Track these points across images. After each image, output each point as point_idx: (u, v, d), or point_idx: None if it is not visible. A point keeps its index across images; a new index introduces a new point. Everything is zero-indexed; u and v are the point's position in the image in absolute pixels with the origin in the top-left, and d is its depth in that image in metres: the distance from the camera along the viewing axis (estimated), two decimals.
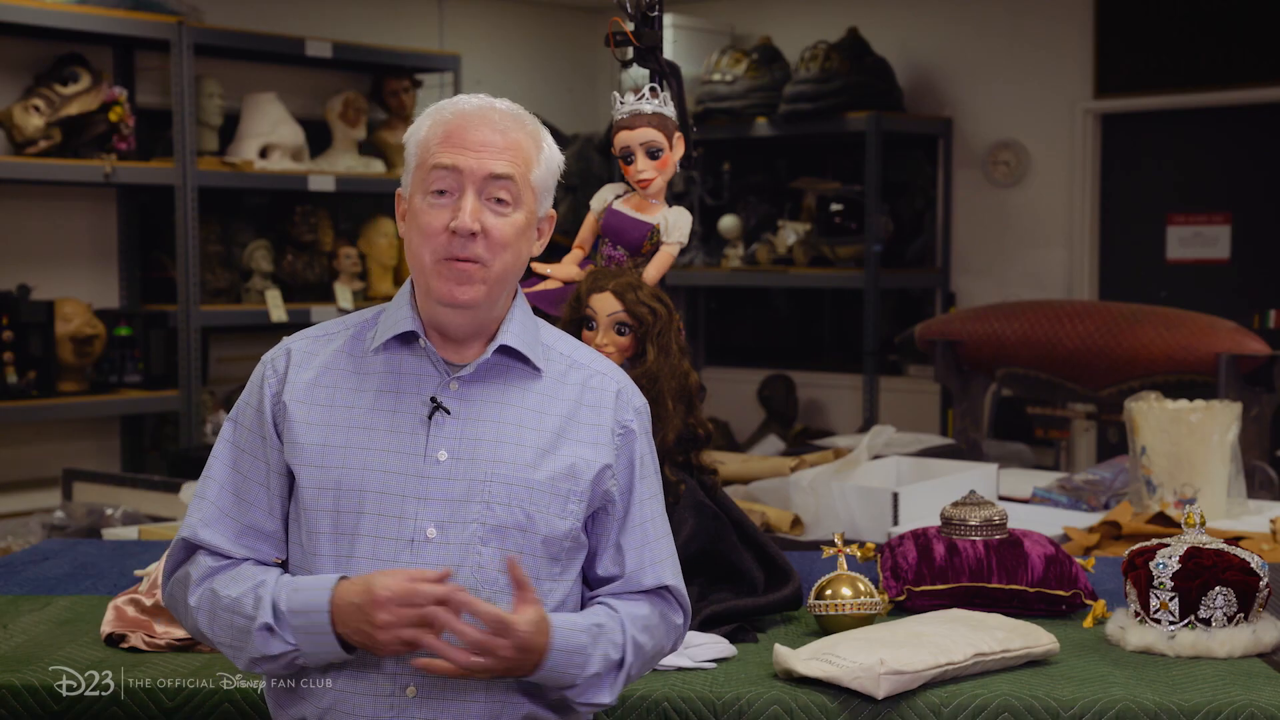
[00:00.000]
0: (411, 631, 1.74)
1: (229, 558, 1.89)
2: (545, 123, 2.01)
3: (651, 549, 1.96)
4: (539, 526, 1.86)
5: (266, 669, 1.85)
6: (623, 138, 2.71)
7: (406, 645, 1.75)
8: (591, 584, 1.97)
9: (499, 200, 1.86)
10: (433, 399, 1.88)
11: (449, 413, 1.87)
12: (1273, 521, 3.44)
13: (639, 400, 2.00)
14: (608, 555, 1.95)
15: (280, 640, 1.80)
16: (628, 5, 2.87)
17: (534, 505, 1.86)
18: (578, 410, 1.93)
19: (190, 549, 1.92)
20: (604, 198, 2.81)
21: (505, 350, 1.91)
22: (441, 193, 1.86)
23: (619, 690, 1.89)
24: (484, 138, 1.86)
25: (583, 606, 1.95)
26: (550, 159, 1.93)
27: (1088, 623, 2.57)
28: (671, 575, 1.97)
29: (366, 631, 1.76)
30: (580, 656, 1.82)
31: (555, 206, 1.99)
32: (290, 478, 1.90)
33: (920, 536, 2.72)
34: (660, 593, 1.96)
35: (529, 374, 1.93)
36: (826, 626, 2.49)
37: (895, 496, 3.49)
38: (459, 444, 1.87)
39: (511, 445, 1.88)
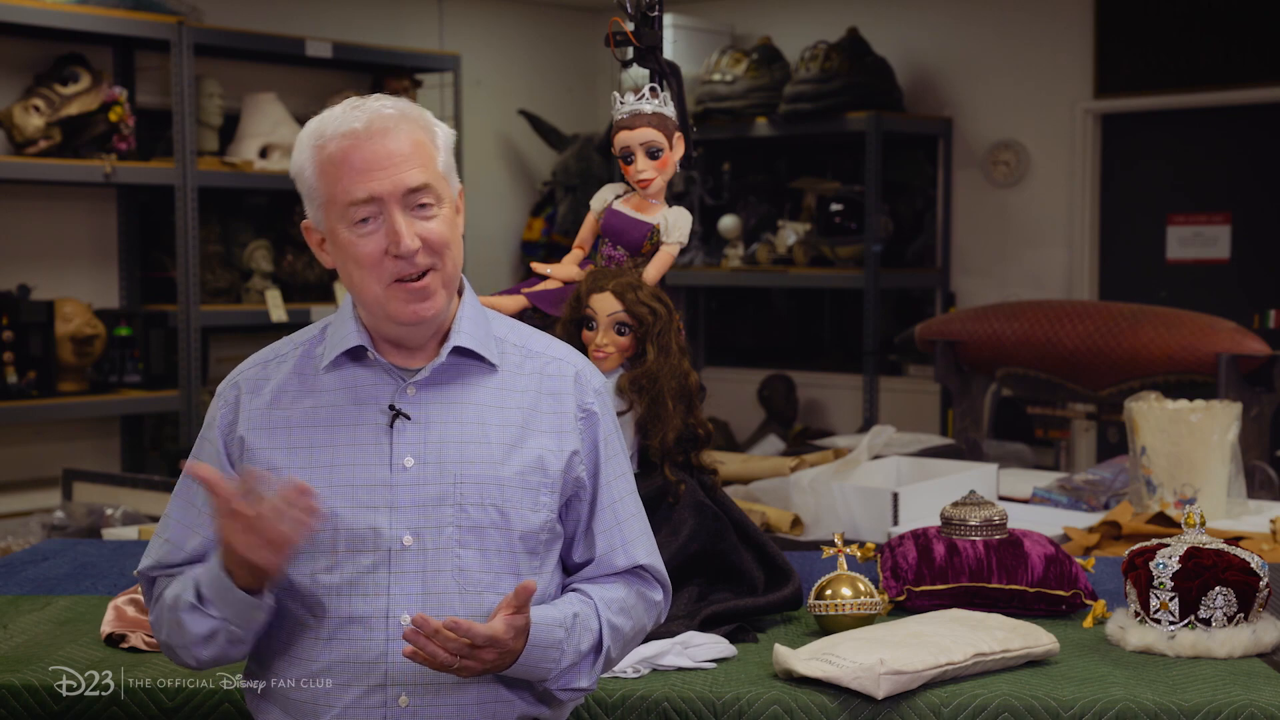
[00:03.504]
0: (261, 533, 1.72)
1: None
2: (546, 123, 2.01)
3: (623, 529, 1.96)
4: (514, 523, 1.86)
5: (211, 655, 1.84)
6: (623, 138, 2.71)
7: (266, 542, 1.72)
8: (569, 570, 1.98)
9: (423, 206, 1.84)
10: (391, 406, 1.87)
11: (409, 419, 1.87)
12: (1273, 521, 3.44)
13: (598, 380, 2.00)
14: (582, 540, 1.96)
15: (205, 616, 1.80)
16: (628, 5, 2.87)
17: (506, 502, 1.86)
18: (538, 400, 1.92)
19: (150, 580, 1.93)
20: (604, 198, 2.81)
21: (458, 350, 1.90)
22: (365, 221, 1.83)
23: (598, 674, 1.91)
24: (386, 150, 1.82)
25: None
26: (445, 140, 1.90)
27: (1088, 623, 2.57)
28: (645, 553, 1.98)
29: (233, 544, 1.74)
30: (556, 650, 1.83)
31: (556, 206, 2.00)
32: None
33: (920, 536, 2.72)
34: (635, 572, 1.97)
35: (485, 370, 1.92)
36: (826, 626, 2.49)
37: (895, 496, 3.49)
38: (424, 448, 1.86)
39: (477, 444, 1.87)
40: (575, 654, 1.86)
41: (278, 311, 5.97)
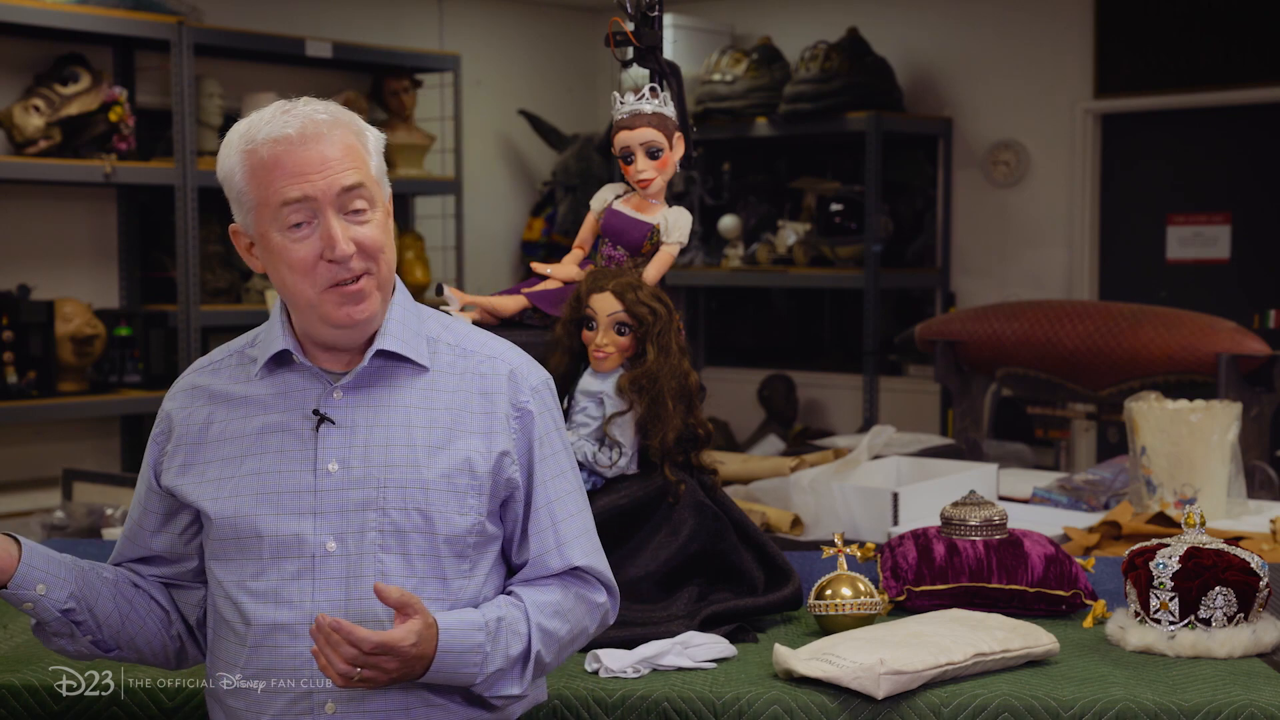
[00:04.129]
0: None
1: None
2: (546, 123, 2.01)
3: (559, 530, 1.92)
4: (438, 526, 1.84)
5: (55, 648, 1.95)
6: (623, 138, 2.71)
7: None
8: (512, 572, 1.95)
9: (357, 210, 1.83)
10: (315, 411, 1.87)
11: (334, 423, 1.86)
12: (1273, 521, 3.44)
13: (537, 378, 1.95)
14: (519, 542, 1.92)
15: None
16: (628, 5, 2.87)
17: (430, 505, 1.84)
18: (469, 400, 1.89)
19: None
20: (604, 198, 2.81)
21: (382, 353, 1.88)
22: (298, 225, 1.82)
23: (529, 680, 1.87)
24: (321, 154, 1.81)
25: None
26: (376, 145, 1.90)
27: (1088, 623, 2.56)
28: (581, 554, 1.93)
29: None
30: (476, 655, 1.79)
31: (556, 206, 1.99)
32: (191, 511, 1.93)
33: (920, 536, 2.72)
34: (574, 574, 1.93)
35: (414, 371, 1.90)
36: (826, 626, 2.49)
37: (895, 496, 3.49)
38: (348, 452, 1.85)
39: (402, 447, 1.85)
40: (503, 659, 1.82)
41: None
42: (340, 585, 1.83)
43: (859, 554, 2.65)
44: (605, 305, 2.52)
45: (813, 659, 2.22)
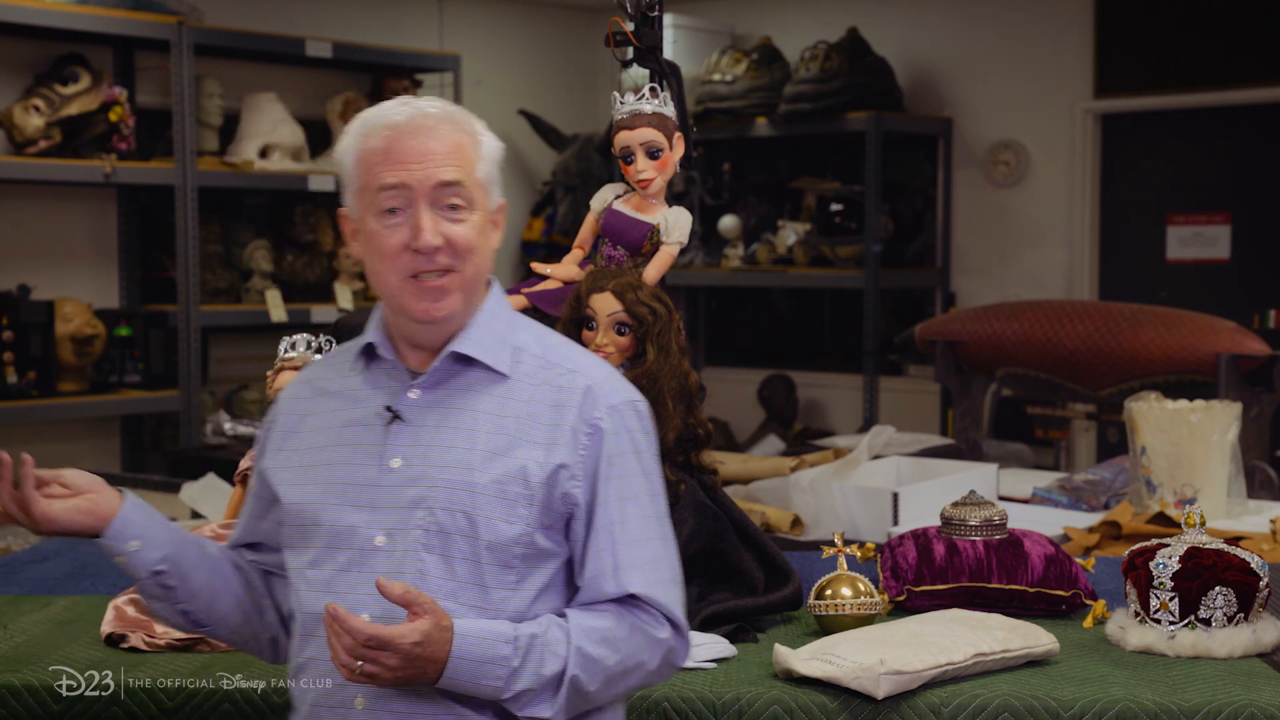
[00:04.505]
0: None
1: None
2: (546, 123, 2.00)
3: (618, 553, 1.84)
4: (481, 531, 1.81)
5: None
6: (623, 138, 2.71)
7: None
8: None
9: (453, 207, 1.83)
10: (388, 408, 1.87)
11: (403, 420, 1.86)
12: (1273, 521, 3.44)
13: (619, 397, 1.89)
14: (579, 562, 1.85)
15: None
16: (628, 5, 2.87)
17: (476, 509, 1.81)
18: (540, 410, 1.86)
19: None
20: (604, 198, 2.81)
21: (461, 356, 1.88)
22: (393, 211, 1.83)
23: (564, 704, 1.79)
24: (424, 147, 1.82)
25: None
26: (489, 152, 1.89)
27: (1088, 623, 2.57)
28: (641, 583, 1.83)
29: None
30: (500, 668, 1.75)
31: (556, 206, 1.98)
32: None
33: (920, 536, 2.72)
34: (630, 602, 1.83)
35: (493, 378, 1.88)
36: (826, 626, 2.49)
37: (895, 496, 3.49)
38: (413, 450, 1.85)
39: (462, 449, 1.84)
40: (534, 678, 1.77)
41: (278, 311, 5.97)
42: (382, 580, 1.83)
43: (859, 554, 2.65)
44: (605, 305, 2.52)
45: (813, 659, 2.22)
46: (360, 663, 1.71)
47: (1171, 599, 2.38)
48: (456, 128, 1.86)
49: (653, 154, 2.71)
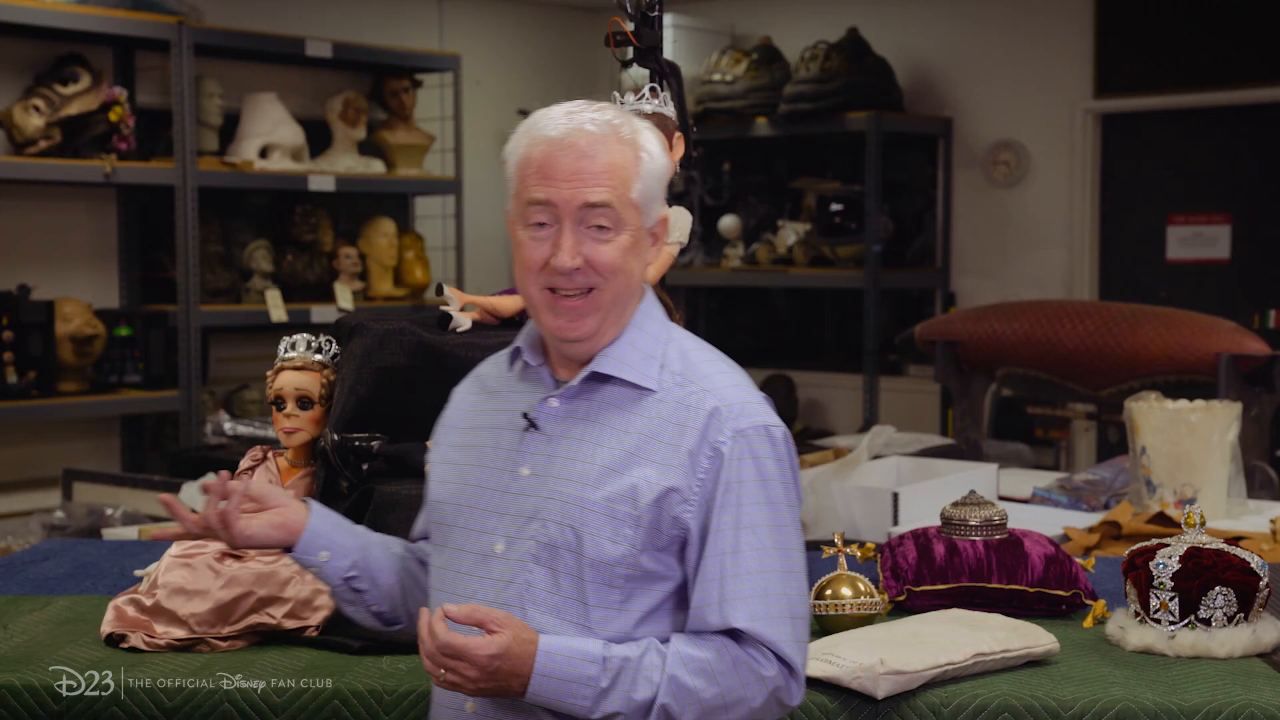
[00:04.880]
0: None
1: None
2: None
3: (726, 584, 1.77)
4: (586, 549, 1.78)
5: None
6: None
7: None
8: None
9: (600, 227, 1.80)
10: (524, 415, 1.87)
11: (539, 429, 1.86)
12: (1273, 521, 3.44)
13: (749, 422, 1.83)
14: (691, 589, 1.80)
15: None
16: (628, 5, 2.87)
17: (584, 526, 1.79)
18: (663, 428, 1.81)
19: None
20: None
21: (596, 374, 1.86)
22: (540, 225, 1.81)
23: None
24: (575, 166, 1.79)
25: None
26: (652, 166, 1.84)
27: (1088, 623, 2.56)
28: (747, 618, 1.76)
29: None
30: (586, 688, 1.74)
31: None
32: None
33: (920, 536, 2.72)
34: (735, 635, 1.77)
35: (631, 393, 1.85)
36: (826, 626, 2.49)
37: (895, 496, 3.49)
38: (541, 460, 1.84)
39: (583, 464, 1.82)
40: (623, 701, 1.74)
41: (278, 311, 5.97)
42: (495, 587, 1.83)
43: (859, 554, 2.65)
44: None
45: (813, 659, 2.22)
46: (443, 670, 1.72)
47: (1171, 599, 2.38)
48: (617, 144, 1.82)
49: None
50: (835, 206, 7.10)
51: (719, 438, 1.80)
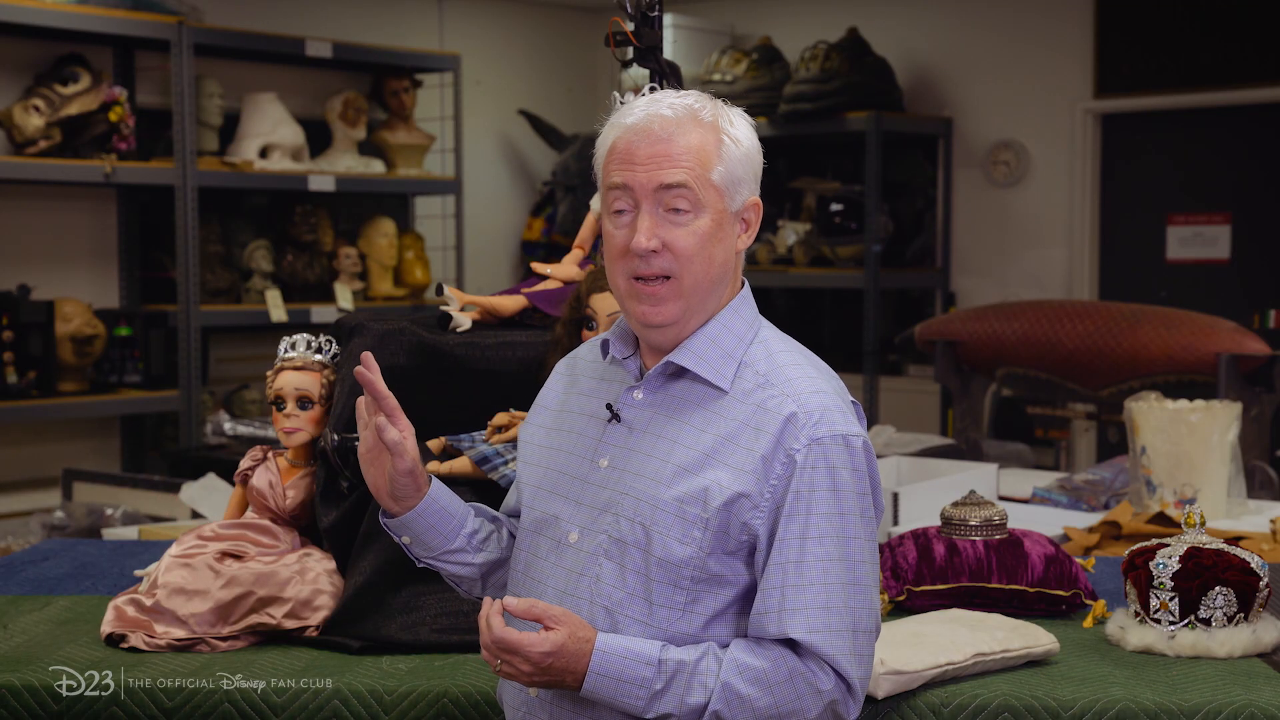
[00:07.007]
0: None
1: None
2: (546, 123, 1.99)
3: (787, 593, 1.75)
4: (654, 548, 1.77)
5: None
6: None
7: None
8: None
9: (677, 210, 1.80)
10: (608, 405, 1.87)
11: (621, 421, 1.86)
12: (1273, 521, 3.44)
13: (825, 430, 1.78)
14: (756, 595, 1.79)
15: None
16: (628, 5, 2.87)
17: (654, 524, 1.78)
18: (740, 432, 1.79)
19: None
20: None
21: (676, 366, 1.85)
22: (621, 212, 1.82)
23: None
24: (652, 148, 1.79)
25: None
26: (736, 148, 1.85)
27: (1088, 623, 2.56)
28: (804, 629, 1.73)
29: None
30: (639, 689, 1.73)
31: (556, 206, 1.97)
32: None
33: (920, 536, 2.72)
34: (791, 645, 1.75)
35: (710, 391, 1.83)
36: None
37: (895, 496, 3.49)
38: (620, 453, 1.85)
39: (659, 460, 1.81)
40: (677, 704, 1.74)
41: (278, 311, 5.97)
42: (566, 577, 1.83)
43: None
44: (605, 305, 2.52)
45: None
46: (499, 662, 1.74)
47: (1171, 599, 2.38)
48: (695, 127, 1.82)
49: None
50: (835, 206, 7.10)
51: (794, 445, 1.77)
